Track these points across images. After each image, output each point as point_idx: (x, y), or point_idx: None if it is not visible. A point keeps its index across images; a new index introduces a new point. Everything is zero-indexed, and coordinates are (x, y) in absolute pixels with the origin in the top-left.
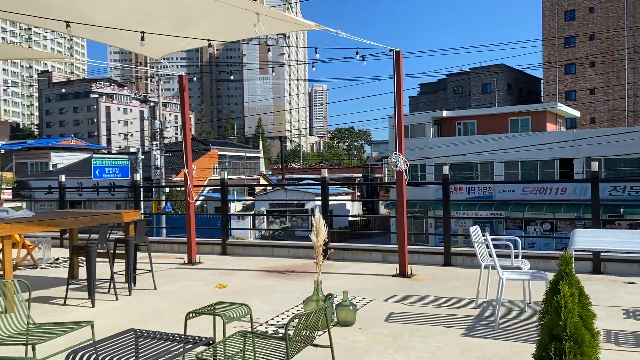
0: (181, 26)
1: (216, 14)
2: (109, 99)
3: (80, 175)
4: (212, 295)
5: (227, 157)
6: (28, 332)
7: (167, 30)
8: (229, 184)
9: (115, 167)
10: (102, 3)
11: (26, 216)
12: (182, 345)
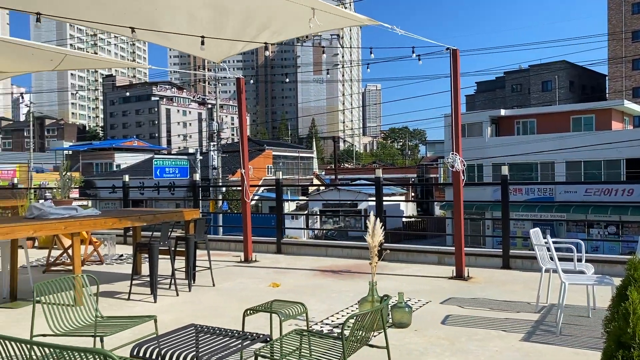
0: (239, 28)
1: (272, 11)
2: (169, 101)
3: (142, 175)
4: (268, 293)
5: (281, 157)
6: (96, 324)
7: (226, 33)
8: (283, 184)
9: (175, 167)
10: (165, 10)
11: (93, 214)
12: (240, 342)
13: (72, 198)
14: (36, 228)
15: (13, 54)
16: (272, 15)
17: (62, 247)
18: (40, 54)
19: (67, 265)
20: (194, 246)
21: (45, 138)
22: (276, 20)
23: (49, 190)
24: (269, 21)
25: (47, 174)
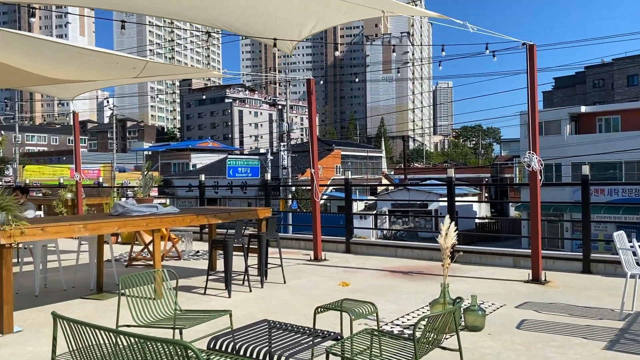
0: (306, 17)
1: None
2: (242, 103)
3: (216, 175)
4: (338, 292)
5: (350, 157)
6: (175, 317)
7: (294, 20)
8: (352, 184)
9: (247, 167)
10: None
11: (172, 212)
12: (311, 339)
13: (153, 196)
14: (120, 224)
15: (100, 63)
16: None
17: (143, 243)
18: (124, 62)
19: (148, 260)
20: (266, 244)
21: (127, 139)
22: (344, 7)
23: (130, 189)
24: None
25: (128, 173)
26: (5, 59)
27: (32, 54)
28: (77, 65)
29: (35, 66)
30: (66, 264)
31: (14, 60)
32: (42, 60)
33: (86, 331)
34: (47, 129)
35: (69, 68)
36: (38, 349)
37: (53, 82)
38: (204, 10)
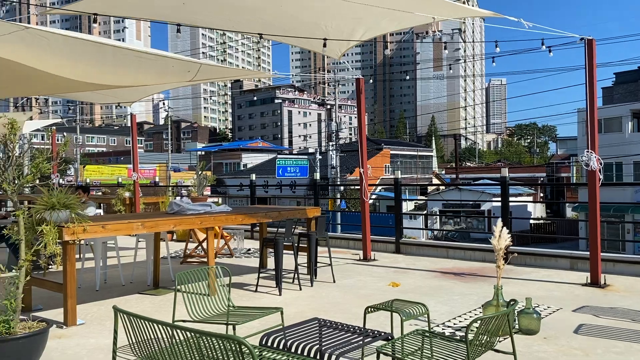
0: (355, 24)
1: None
2: (291, 103)
3: (266, 174)
4: (388, 292)
5: (399, 156)
6: (229, 313)
7: (344, 27)
8: (402, 183)
9: (296, 166)
10: (289, 9)
11: (225, 210)
12: (362, 338)
13: (206, 195)
14: (176, 222)
15: (156, 67)
16: (390, 12)
17: (197, 241)
18: (180, 65)
19: (202, 257)
20: (316, 243)
21: (181, 140)
22: (394, 15)
23: (184, 188)
24: (387, 16)
25: (183, 172)
26: (69, 65)
27: (92, 59)
28: (135, 70)
29: (95, 72)
30: (125, 260)
31: (75, 66)
32: (102, 64)
33: (144, 325)
34: (106, 130)
35: (128, 72)
36: (100, 341)
37: (111, 87)
38: (254, 22)
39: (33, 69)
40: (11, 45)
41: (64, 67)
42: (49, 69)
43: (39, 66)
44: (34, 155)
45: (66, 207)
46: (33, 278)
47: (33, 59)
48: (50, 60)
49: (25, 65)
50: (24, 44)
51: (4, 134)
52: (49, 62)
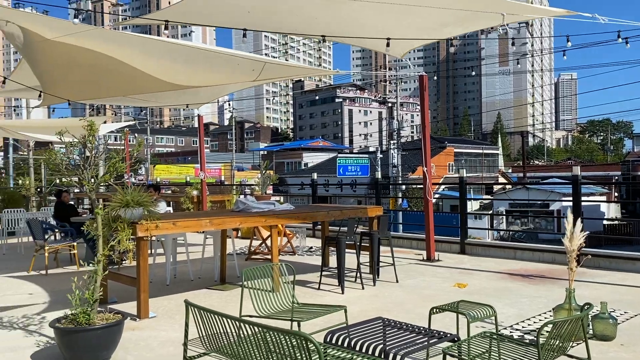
0: (422, 23)
1: (457, 6)
2: (352, 102)
3: (326, 173)
4: (452, 293)
5: (464, 154)
6: (293, 310)
7: (408, 28)
8: (466, 182)
9: (357, 165)
10: (352, 10)
11: (288, 209)
12: (427, 339)
13: (269, 194)
14: (242, 220)
15: (223, 65)
16: (457, 13)
17: (260, 238)
18: (245, 63)
19: (265, 254)
20: (378, 242)
21: (245, 140)
22: (460, 16)
23: (248, 187)
24: (454, 18)
25: (246, 172)
26: (142, 64)
27: (165, 58)
28: (204, 69)
29: (168, 71)
30: (193, 256)
31: (148, 62)
32: (174, 62)
33: (214, 319)
34: (174, 131)
35: (197, 71)
36: (170, 334)
37: (180, 87)
38: (315, 27)
39: (116, 67)
40: (92, 46)
41: (139, 65)
42: (122, 72)
43: (113, 71)
44: (110, 155)
45: (140, 205)
46: (109, 272)
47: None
48: (126, 60)
49: (111, 63)
50: (103, 43)
51: (83, 135)
52: (122, 65)
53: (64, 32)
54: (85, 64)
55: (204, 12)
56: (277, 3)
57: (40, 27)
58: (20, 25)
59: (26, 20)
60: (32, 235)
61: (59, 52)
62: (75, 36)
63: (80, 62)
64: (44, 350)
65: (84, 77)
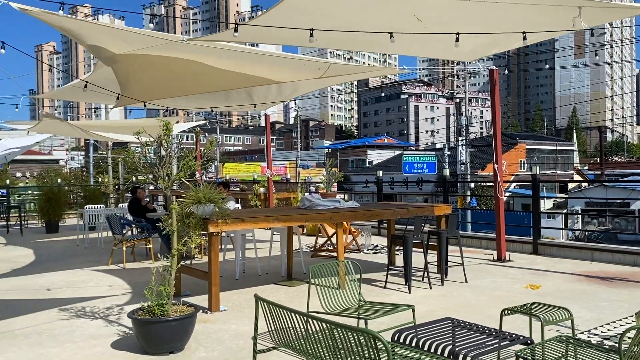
0: (494, 29)
1: (529, 13)
2: (418, 98)
3: (391, 171)
4: (524, 295)
5: (536, 151)
6: (359, 307)
7: (478, 36)
8: (540, 180)
9: (423, 162)
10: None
11: (354, 206)
12: (498, 341)
13: (334, 192)
14: (308, 217)
15: (287, 66)
16: (528, 21)
17: (326, 235)
18: (310, 64)
19: (331, 251)
20: (446, 241)
21: (309, 138)
22: (532, 23)
23: (313, 184)
24: (526, 25)
25: (311, 169)
26: (212, 74)
27: (233, 62)
28: (269, 68)
29: (234, 73)
30: (260, 252)
31: (217, 65)
32: (241, 65)
33: (282, 313)
34: (242, 130)
35: (263, 70)
36: (240, 327)
37: (249, 84)
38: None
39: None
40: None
41: (207, 71)
42: (192, 77)
43: (184, 76)
44: (184, 154)
45: (211, 202)
46: (182, 266)
47: (178, 69)
48: (194, 67)
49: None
50: (176, 52)
51: (159, 135)
52: (192, 69)
53: (140, 45)
54: (158, 64)
55: (272, 29)
56: (343, 5)
57: (119, 41)
58: (99, 45)
59: (104, 35)
60: (111, 230)
61: (134, 58)
62: (151, 49)
63: (154, 63)
64: (123, 339)
65: (158, 77)
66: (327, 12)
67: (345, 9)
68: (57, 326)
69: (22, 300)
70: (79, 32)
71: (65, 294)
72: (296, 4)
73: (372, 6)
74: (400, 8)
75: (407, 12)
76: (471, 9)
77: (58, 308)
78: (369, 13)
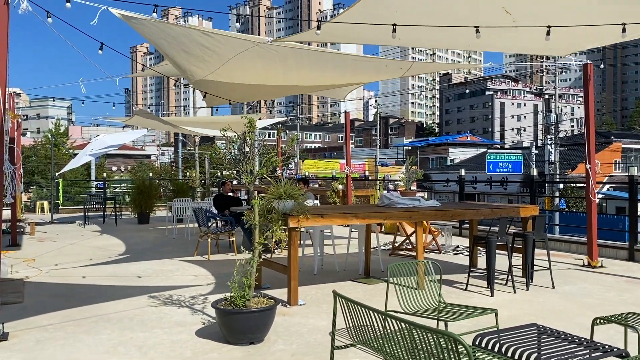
0: (589, 22)
1: (629, 8)
2: (503, 94)
3: (474, 170)
4: (619, 304)
5: (634, 150)
6: (439, 309)
7: (571, 29)
8: (638, 181)
9: (509, 161)
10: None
11: (434, 205)
12: (588, 351)
13: (413, 190)
14: (386, 215)
15: (371, 68)
16: (629, 10)
17: (404, 234)
18: (393, 64)
19: (409, 250)
20: (533, 244)
21: (389, 135)
22: (632, 12)
23: (391, 182)
24: (622, 13)
25: (390, 167)
26: (295, 72)
27: (315, 66)
28: (352, 71)
29: (317, 76)
30: (338, 249)
31: (299, 73)
32: (323, 69)
33: (360, 311)
34: (321, 127)
35: (345, 73)
36: (318, 322)
37: (332, 87)
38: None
39: (265, 78)
40: (249, 59)
41: (291, 73)
42: (278, 79)
43: (269, 76)
44: (266, 151)
45: (291, 197)
46: (263, 259)
47: (264, 70)
48: (280, 69)
49: (258, 76)
50: (258, 57)
51: (243, 131)
52: (278, 71)
53: (226, 51)
54: (244, 73)
55: (354, 28)
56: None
57: (202, 63)
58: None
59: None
60: (197, 223)
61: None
62: (237, 57)
63: (240, 72)
64: (206, 327)
65: (243, 82)
66: (410, 6)
67: (429, 2)
68: (146, 312)
69: (115, 286)
70: (165, 49)
71: (154, 282)
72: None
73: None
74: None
75: (496, 3)
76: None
77: (147, 295)
78: (453, 5)
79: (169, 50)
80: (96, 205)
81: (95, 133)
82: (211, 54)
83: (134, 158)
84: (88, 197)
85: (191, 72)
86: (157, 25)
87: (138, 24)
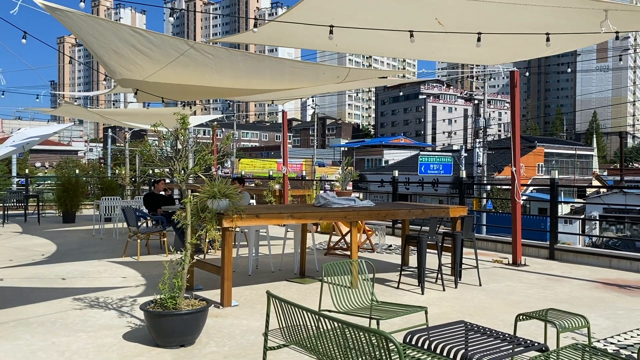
0: (519, 38)
1: (552, 17)
2: (436, 99)
3: (407, 171)
4: (540, 301)
5: (555, 155)
6: (372, 307)
7: (500, 40)
8: (558, 184)
9: (440, 164)
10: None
11: (369, 205)
12: (512, 346)
13: (349, 190)
14: (322, 215)
15: (309, 75)
16: (556, 28)
17: (340, 234)
18: (330, 71)
19: (344, 250)
20: (461, 243)
21: (326, 136)
22: (560, 27)
23: (328, 182)
24: (547, 25)
25: (327, 167)
26: (231, 77)
27: (252, 70)
28: (289, 80)
29: (254, 81)
30: (274, 249)
31: (236, 79)
32: (261, 75)
33: (294, 311)
34: (259, 126)
35: (283, 80)
36: (251, 323)
37: (268, 92)
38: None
39: (200, 80)
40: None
41: (227, 79)
42: (214, 82)
43: (204, 79)
44: (201, 148)
45: (226, 197)
46: (196, 260)
47: (200, 74)
48: (215, 75)
49: (193, 79)
50: (193, 62)
51: (176, 128)
52: (213, 76)
53: (157, 52)
54: (179, 75)
55: (292, 31)
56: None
57: (134, 65)
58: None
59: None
60: (126, 222)
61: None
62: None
63: (174, 75)
64: (135, 330)
65: (175, 83)
66: (346, 15)
67: (366, 10)
68: (70, 315)
69: (37, 288)
70: (93, 47)
71: (79, 284)
72: (317, 3)
73: (393, 7)
74: (422, 10)
75: (429, 14)
76: (493, 12)
77: (72, 297)
78: (389, 15)
79: (97, 48)
80: (17, 204)
81: (17, 126)
82: (143, 58)
83: (59, 154)
84: (8, 194)
85: (121, 74)
86: (84, 20)
87: (64, 16)
